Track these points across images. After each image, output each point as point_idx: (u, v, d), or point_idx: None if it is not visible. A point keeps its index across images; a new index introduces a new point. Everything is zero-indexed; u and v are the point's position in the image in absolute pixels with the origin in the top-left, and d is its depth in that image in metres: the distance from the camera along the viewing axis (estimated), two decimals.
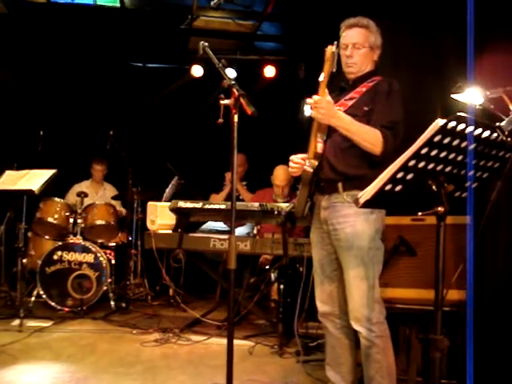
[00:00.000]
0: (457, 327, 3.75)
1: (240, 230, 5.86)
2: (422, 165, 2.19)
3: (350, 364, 3.40)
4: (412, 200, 2.41)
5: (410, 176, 2.22)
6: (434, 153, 2.16)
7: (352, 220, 3.17)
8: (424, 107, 4.27)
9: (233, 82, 2.88)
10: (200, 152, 7.84)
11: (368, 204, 2.30)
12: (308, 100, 3.12)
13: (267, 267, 5.70)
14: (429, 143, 2.10)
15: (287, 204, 4.93)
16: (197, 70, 7.39)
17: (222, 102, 2.85)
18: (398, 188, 2.26)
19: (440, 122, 2.05)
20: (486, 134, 2.16)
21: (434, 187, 2.27)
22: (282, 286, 5.11)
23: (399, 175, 2.21)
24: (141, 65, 8.05)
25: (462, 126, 2.08)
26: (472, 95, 2.72)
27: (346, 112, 3.19)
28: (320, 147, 3.23)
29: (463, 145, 2.17)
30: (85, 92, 7.83)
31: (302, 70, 6.66)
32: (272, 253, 5.04)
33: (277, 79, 7.02)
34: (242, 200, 6.45)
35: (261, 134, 7.02)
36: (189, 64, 7.38)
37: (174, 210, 5.16)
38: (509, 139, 2.17)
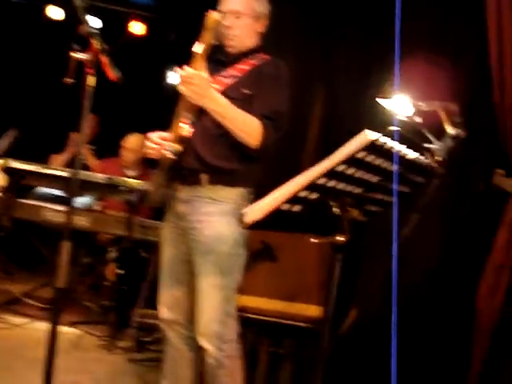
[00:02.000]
0: (310, 344, 3.48)
1: (79, 200, 5.24)
2: (331, 184, 1.77)
3: (191, 381, 2.95)
4: (308, 221, 1.99)
5: (314, 196, 1.79)
6: (350, 171, 1.74)
7: (214, 220, 2.71)
8: (305, 102, 3.89)
9: (94, 31, 2.23)
10: (44, 105, 6.94)
11: (256, 224, 1.83)
12: (178, 71, 2.58)
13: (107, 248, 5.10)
14: (349, 160, 1.67)
15: (139, 181, 4.40)
16: (54, 12, 6.48)
17: (74, 54, 2.19)
18: (296, 208, 1.82)
19: (370, 135, 1.63)
20: (413, 155, 1.78)
21: (335, 210, 1.86)
22: (119, 271, 4.55)
23: (302, 194, 1.76)
24: None
25: (392, 143, 1.68)
26: (400, 104, 2.33)
27: (222, 92, 2.70)
28: (186, 130, 2.72)
29: (384, 164, 1.77)
30: None
31: (172, 33, 6.03)
32: (114, 232, 4.47)
33: (145, 38, 6.31)
34: (87, 166, 5.79)
35: (118, 95, 6.34)
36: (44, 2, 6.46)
37: (5, 170, 4.45)
38: (437, 166, 1.79)
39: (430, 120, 2.11)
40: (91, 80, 2.10)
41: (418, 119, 2.21)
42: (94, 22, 6.30)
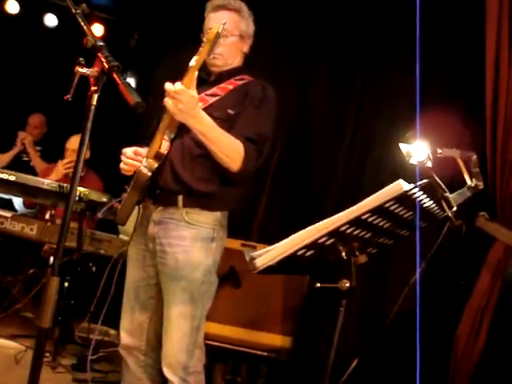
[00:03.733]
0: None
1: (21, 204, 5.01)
2: (350, 231, 1.67)
3: None
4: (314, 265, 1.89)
5: (330, 241, 1.69)
6: (371, 219, 1.65)
7: (187, 245, 2.57)
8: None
9: (101, 44, 2.00)
10: None
11: (269, 270, 1.72)
12: (167, 86, 2.43)
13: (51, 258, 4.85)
14: (377, 209, 1.58)
15: (89, 190, 4.19)
16: (12, 6, 6.08)
17: (79, 69, 1.91)
18: (310, 253, 1.72)
19: (405, 186, 1.54)
20: (429, 203, 1.70)
21: (343, 254, 1.76)
22: (66, 284, 4.31)
23: (322, 240, 1.66)
24: None
25: (419, 194, 1.59)
26: (419, 149, 2.26)
27: (204, 110, 2.56)
28: (165, 147, 2.57)
29: (402, 212, 1.68)
30: None
31: (133, 39, 5.80)
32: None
33: (105, 42, 6.04)
34: (33, 167, 5.53)
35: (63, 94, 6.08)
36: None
37: None
38: (451, 215, 1.72)
39: (445, 168, 2.05)
40: (95, 98, 1.90)
41: (430, 164, 2.15)
42: (51, 20, 6.02)
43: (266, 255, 1.76)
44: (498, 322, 2.66)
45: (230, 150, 2.51)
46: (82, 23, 2.01)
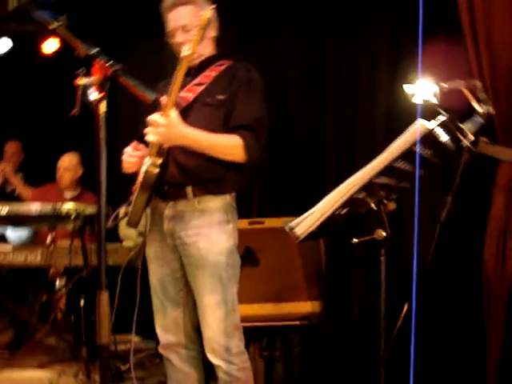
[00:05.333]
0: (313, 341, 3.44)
1: (16, 234, 4.96)
2: (378, 180, 1.70)
3: None
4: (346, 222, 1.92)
5: (362, 194, 1.72)
6: (401, 165, 1.68)
7: (205, 232, 2.60)
8: None
9: (94, 51, 1.96)
10: None
11: (310, 236, 1.75)
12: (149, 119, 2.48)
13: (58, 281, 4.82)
14: (407, 153, 1.61)
15: (83, 205, 4.18)
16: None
17: (81, 81, 1.92)
18: (345, 210, 1.75)
19: (428, 125, 1.57)
20: (446, 138, 1.74)
21: (372, 205, 1.79)
22: (82, 303, 4.31)
23: (356, 195, 1.69)
24: None
25: (439, 131, 1.62)
26: (424, 88, 2.29)
27: (196, 99, 2.62)
28: None
29: (423, 152, 1.72)
30: None
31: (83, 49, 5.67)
32: (70, 264, 4.22)
33: (60, 53, 5.93)
34: (18, 197, 5.47)
35: (40, 117, 6.01)
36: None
37: None
38: (470, 145, 1.76)
39: (454, 100, 2.08)
40: (104, 106, 1.88)
41: (436, 101, 2.18)
42: (4, 45, 5.85)
43: (305, 222, 1.79)
44: None
45: (229, 149, 2.56)
46: (66, 35, 2.00)
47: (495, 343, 2.74)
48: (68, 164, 5.10)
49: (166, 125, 2.44)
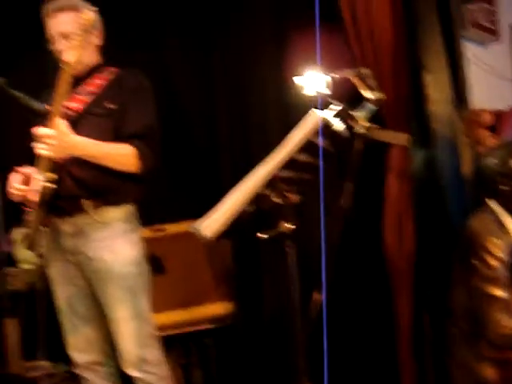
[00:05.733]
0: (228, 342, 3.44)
1: None
2: (282, 173, 1.72)
3: None
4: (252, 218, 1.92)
5: (265, 190, 1.73)
6: (300, 156, 1.70)
7: (109, 244, 2.55)
8: None
9: None
10: None
11: (221, 235, 1.74)
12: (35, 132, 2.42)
13: None
14: (307, 145, 1.63)
15: None
16: None
17: None
18: (249, 207, 1.75)
19: (321, 114, 1.60)
20: (340, 126, 1.79)
21: (275, 199, 1.81)
22: None
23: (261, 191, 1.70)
24: None
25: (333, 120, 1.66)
26: (313, 78, 2.32)
27: (85, 109, 2.56)
28: None
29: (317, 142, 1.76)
30: None
31: None
32: None
33: None
34: None
35: None
36: None
37: None
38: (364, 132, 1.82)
39: (343, 90, 2.14)
40: None
41: (328, 91, 2.23)
42: None
43: (210, 222, 1.77)
44: (422, 219, 2.82)
45: (122, 158, 2.52)
46: None
47: (405, 320, 2.85)
48: None
49: (55, 136, 2.37)
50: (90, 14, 2.39)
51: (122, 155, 2.52)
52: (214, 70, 3.86)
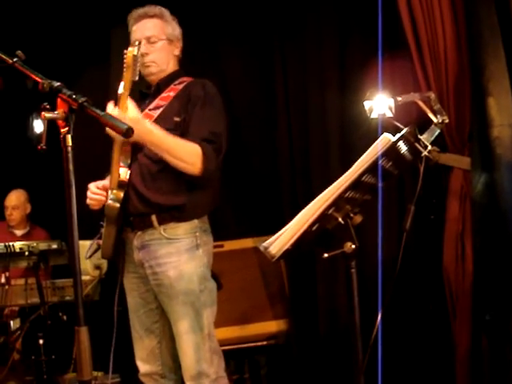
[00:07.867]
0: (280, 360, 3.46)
1: None
2: (347, 194, 1.76)
3: None
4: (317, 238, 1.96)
5: (331, 210, 1.77)
6: (366, 178, 1.74)
7: (174, 260, 2.60)
8: None
9: (57, 84, 1.85)
10: None
11: (285, 254, 1.78)
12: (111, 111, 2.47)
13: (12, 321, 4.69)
14: (372, 166, 1.67)
15: (35, 241, 4.13)
16: None
17: (46, 114, 1.82)
18: (316, 226, 1.80)
19: (392, 138, 1.64)
20: (405, 149, 1.82)
21: (340, 219, 1.85)
22: (41, 341, 4.21)
23: (327, 211, 1.74)
24: None
25: (401, 145, 1.70)
26: (381, 102, 2.37)
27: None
28: (125, 174, 2.58)
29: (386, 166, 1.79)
30: None
31: (30, 81, 5.59)
32: (27, 303, 4.14)
33: (3, 91, 5.79)
34: None
35: None
36: None
37: None
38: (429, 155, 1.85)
39: (408, 113, 2.18)
40: (69, 139, 1.85)
41: (391, 114, 2.27)
42: None
43: (278, 241, 1.81)
44: (482, 243, 2.82)
45: (187, 155, 2.54)
46: (26, 70, 1.97)
47: (463, 343, 2.84)
48: (16, 202, 5.03)
49: (130, 119, 2.37)
50: (132, 49, 2.48)
51: (187, 152, 2.53)
52: (276, 94, 3.93)
